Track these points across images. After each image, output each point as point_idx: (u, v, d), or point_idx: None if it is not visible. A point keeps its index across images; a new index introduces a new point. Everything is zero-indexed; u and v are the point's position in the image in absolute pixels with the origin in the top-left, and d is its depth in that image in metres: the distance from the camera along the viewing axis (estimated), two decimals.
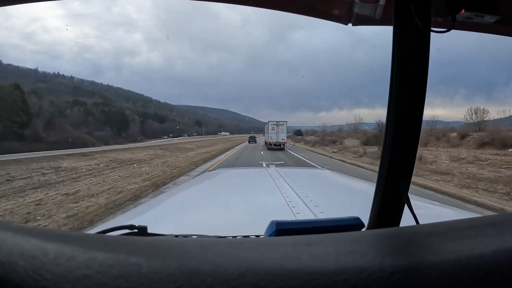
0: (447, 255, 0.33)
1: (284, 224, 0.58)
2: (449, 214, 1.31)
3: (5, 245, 0.30)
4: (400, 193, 0.60)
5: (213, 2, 0.81)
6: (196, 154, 22.00)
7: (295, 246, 0.37)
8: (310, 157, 20.18)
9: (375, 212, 0.64)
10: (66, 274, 0.28)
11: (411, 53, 0.56)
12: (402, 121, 0.58)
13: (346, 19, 0.80)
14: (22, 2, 0.72)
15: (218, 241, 0.40)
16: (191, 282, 0.28)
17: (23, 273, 0.27)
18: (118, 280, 0.28)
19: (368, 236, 0.44)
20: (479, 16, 0.55)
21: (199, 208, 1.41)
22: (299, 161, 17.23)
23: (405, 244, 0.40)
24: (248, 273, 0.29)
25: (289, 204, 1.23)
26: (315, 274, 0.30)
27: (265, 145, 34.88)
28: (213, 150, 26.74)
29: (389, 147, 0.59)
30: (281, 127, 30.27)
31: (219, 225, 1.04)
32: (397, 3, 0.55)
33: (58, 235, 0.36)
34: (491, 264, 0.32)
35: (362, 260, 0.32)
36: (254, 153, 22.95)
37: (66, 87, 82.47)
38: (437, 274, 0.30)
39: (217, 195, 1.74)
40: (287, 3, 0.82)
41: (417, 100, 0.57)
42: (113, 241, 0.37)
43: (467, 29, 0.70)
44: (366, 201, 0.70)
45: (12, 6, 0.71)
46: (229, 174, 2.68)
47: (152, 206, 1.62)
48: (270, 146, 29.04)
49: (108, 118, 62.37)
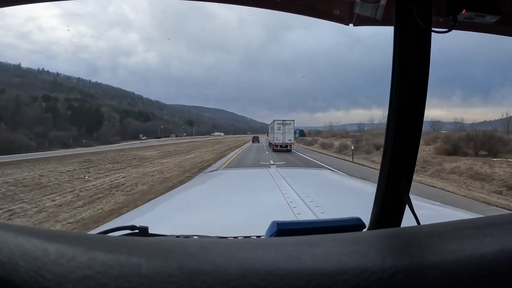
0: (448, 256, 0.33)
1: (285, 225, 0.58)
2: (450, 214, 1.32)
3: (7, 246, 0.30)
4: (401, 193, 0.60)
5: (213, 2, 0.81)
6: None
7: (296, 246, 0.36)
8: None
9: (376, 212, 0.64)
10: (67, 275, 0.28)
11: (412, 53, 0.56)
12: (403, 121, 0.58)
13: (347, 19, 0.81)
14: (21, 3, 0.71)
15: (219, 241, 0.40)
16: (192, 283, 0.28)
17: (24, 274, 0.27)
18: (119, 280, 0.28)
19: (369, 237, 0.44)
20: (480, 16, 0.55)
21: (200, 208, 1.41)
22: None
23: (406, 244, 0.40)
24: (249, 273, 0.29)
25: (290, 204, 1.23)
26: (316, 274, 0.30)
27: (269, 146, 32.80)
28: (169, 168, 14.06)
29: (391, 147, 0.59)
30: (288, 126, 27.37)
31: (220, 225, 1.04)
32: (398, 3, 0.55)
33: (59, 235, 0.36)
34: (492, 265, 0.31)
35: (363, 260, 0.32)
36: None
37: (43, 83, 77.37)
38: (438, 274, 0.30)
39: (218, 195, 1.73)
40: (288, 4, 0.82)
41: (418, 100, 0.57)
42: (114, 241, 0.37)
43: (468, 29, 0.70)
44: (367, 201, 0.69)
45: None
46: (230, 174, 2.67)
47: (153, 207, 1.61)
48: (276, 147, 26.45)
49: (78, 115, 57.48)
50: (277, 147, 26.51)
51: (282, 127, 27.11)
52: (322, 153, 26.96)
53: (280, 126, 27.17)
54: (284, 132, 26.87)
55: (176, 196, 1.86)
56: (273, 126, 28.39)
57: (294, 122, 28.49)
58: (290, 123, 27.80)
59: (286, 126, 27.27)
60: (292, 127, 27.89)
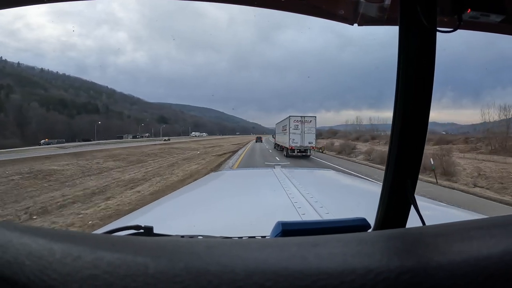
0: (454, 256, 0.33)
1: (290, 225, 0.58)
2: (455, 215, 1.31)
3: (13, 246, 0.30)
4: (406, 193, 0.60)
5: (213, 2, 0.81)
6: None
7: (301, 246, 0.37)
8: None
9: (381, 212, 0.64)
10: (73, 274, 0.28)
11: (417, 53, 0.56)
12: (408, 121, 0.58)
13: (352, 19, 0.80)
14: (21, 5, 0.70)
15: (224, 241, 0.40)
16: (198, 283, 0.28)
17: (30, 273, 0.27)
18: (125, 280, 0.28)
19: (375, 237, 0.44)
20: (485, 15, 0.55)
21: (205, 208, 1.41)
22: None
23: (412, 245, 0.40)
24: (255, 273, 0.29)
25: (294, 205, 1.23)
26: (322, 274, 0.30)
27: (274, 148, 28.79)
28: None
29: (396, 146, 0.59)
30: (308, 125, 20.87)
31: (225, 225, 1.04)
32: (402, 3, 0.55)
33: (65, 235, 0.36)
34: (498, 265, 0.31)
35: (368, 261, 0.32)
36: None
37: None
38: (444, 275, 0.30)
39: (223, 195, 1.73)
40: (292, 4, 0.82)
41: (424, 100, 0.57)
42: (120, 241, 0.38)
43: (473, 29, 0.70)
44: (372, 202, 0.69)
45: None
46: (234, 174, 2.67)
47: (157, 207, 1.61)
48: (292, 152, 20.30)
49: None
50: (293, 151, 20.32)
51: (300, 125, 20.73)
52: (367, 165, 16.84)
53: (298, 125, 20.73)
54: (303, 132, 20.62)
55: (180, 196, 1.87)
56: (288, 125, 21.45)
57: (316, 120, 21.38)
58: (311, 120, 21.04)
59: (306, 124, 20.83)
60: (314, 125, 21.14)
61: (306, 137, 20.55)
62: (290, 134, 20.67)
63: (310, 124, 20.92)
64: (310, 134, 20.70)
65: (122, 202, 7.94)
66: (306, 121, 20.94)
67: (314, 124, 21.13)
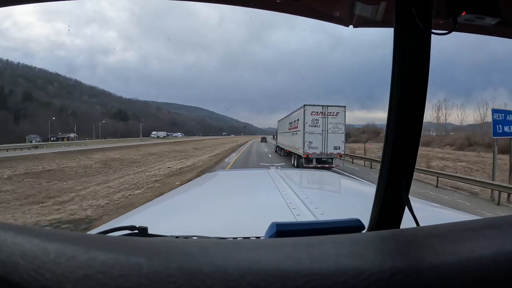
0: (447, 257, 0.33)
1: (285, 226, 0.58)
2: (449, 216, 1.32)
3: (6, 245, 0.30)
4: (401, 194, 0.60)
5: (213, 3, 0.80)
6: None
7: (295, 247, 0.37)
8: None
9: (375, 213, 0.64)
10: (67, 274, 0.28)
11: (412, 55, 0.56)
12: (403, 122, 0.58)
13: (347, 20, 0.81)
14: (20, 3, 0.70)
15: (219, 242, 0.40)
16: (191, 283, 0.28)
17: (24, 273, 0.27)
18: (119, 280, 0.28)
19: (368, 238, 0.44)
20: (480, 18, 0.55)
21: (199, 209, 1.41)
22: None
23: (405, 245, 0.40)
24: (248, 274, 0.30)
25: (289, 205, 1.23)
26: (315, 275, 0.30)
27: (275, 153, 22.00)
28: None
29: (391, 147, 0.59)
30: (333, 119, 12.69)
31: (220, 226, 1.04)
32: (398, 5, 0.56)
33: (59, 235, 0.36)
34: (491, 266, 0.32)
35: (361, 262, 0.32)
36: None
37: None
38: (436, 276, 0.30)
39: (218, 196, 1.73)
40: (288, 5, 0.82)
41: (418, 102, 0.57)
42: (114, 241, 0.37)
43: (468, 31, 0.70)
44: (367, 203, 0.69)
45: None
46: (229, 175, 2.66)
47: (152, 207, 1.60)
48: (309, 162, 12.49)
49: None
50: (310, 161, 12.54)
51: (321, 120, 12.64)
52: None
53: (318, 119, 12.64)
54: (325, 131, 12.61)
55: (175, 196, 1.86)
56: (301, 119, 13.07)
57: (345, 111, 13.00)
58: (339, 112, 12.81)
59: (330, 118, 12.68)
60: (342, 120, 12.82)
61: (330, 140, 12.57)
62: (305, 134, 12.59)
63: (336, 118, 12.71)
64: (337, 134, 12.63)
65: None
66: (331, 114, 12.71)
67: (343, 118, 12.87)
